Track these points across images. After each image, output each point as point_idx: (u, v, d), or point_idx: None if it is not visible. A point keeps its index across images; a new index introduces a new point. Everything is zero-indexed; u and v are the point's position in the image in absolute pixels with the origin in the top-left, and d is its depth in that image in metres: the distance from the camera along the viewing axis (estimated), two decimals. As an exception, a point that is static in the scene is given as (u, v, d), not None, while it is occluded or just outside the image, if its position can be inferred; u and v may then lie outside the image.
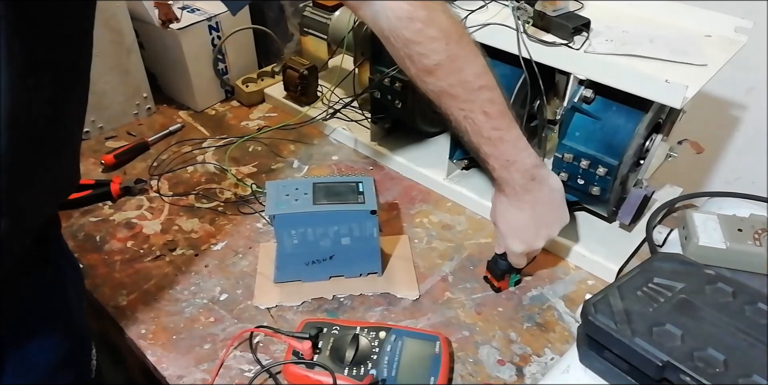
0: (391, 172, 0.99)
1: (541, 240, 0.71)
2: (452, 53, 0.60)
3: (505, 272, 0.75)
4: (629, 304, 0.54)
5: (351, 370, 0.63)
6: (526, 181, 0.66)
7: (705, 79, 0.66)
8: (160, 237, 0.86)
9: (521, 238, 0.70)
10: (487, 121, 0.63)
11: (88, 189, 0.91)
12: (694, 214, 0.72)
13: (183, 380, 0.67)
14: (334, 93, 1.08)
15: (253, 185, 0.94)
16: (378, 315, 0.74)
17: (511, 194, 0.68)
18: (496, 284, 0.77)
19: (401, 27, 0.58)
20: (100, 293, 0.77)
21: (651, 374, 0.50)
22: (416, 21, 0.58)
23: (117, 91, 1.05)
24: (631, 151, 0.72)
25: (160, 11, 1.02)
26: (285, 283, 0.78)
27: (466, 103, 0.63)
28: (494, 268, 0.76)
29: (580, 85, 0.73)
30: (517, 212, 0.69)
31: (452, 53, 0.60)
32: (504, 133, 0.64)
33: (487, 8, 0.77)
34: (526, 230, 0.70)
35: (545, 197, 0.69)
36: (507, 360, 0.69)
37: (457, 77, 0.61)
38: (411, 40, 0.59)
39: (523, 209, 0.68)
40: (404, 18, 0.58)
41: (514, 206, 0.69)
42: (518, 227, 0.70)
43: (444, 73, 0.61)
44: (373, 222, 0.73)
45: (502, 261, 0.74)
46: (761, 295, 0.55)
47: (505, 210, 0.70)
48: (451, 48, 0.60)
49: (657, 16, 0.78)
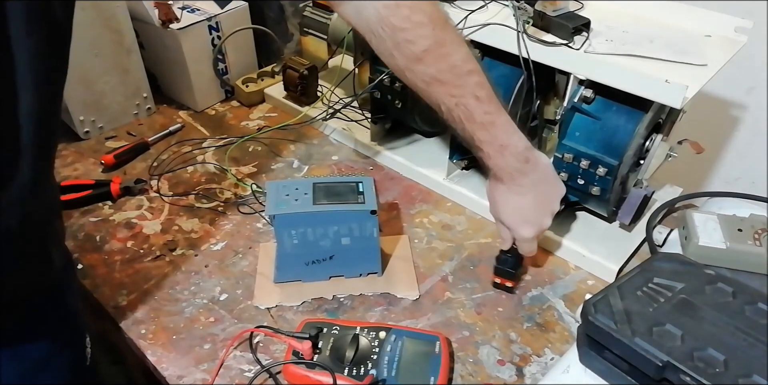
0: (391, 172, 0.99)
1: (548, 217, 0.71)
2: (439, 38, 0.60)
3: (515, 269, 0.75)
4: (629, 304, 0.54)
5: (351, 370, 0.63)
6: (521, 165, 0.67)
7: (705, 79, 0.66)
8: (160, 237, 0.86)
9: (530, 221, 0.71)
10: (478, 105, 0.63)
11: (88, 189, 0.91)
12: (694, 214, 0.72)
13: (183, 380, 0.67)
14: (334, 93, 1.08)
15: (253, 185, 0.94)
16: (378, 315, 0.74)
17: (508, 180, 0.68)
18: (509, 284, 0.76)
19: (389, 15, 0.59)
20: (100, 293, 0.77)
21: (651, 374, 0.50)
22: (403, 7, 0.59)
23: (117, 91, 1.05)
24: (631, 151, 0.72)
25: (160, 11, 1.02)
26: (285, 283, 0.78)
27: (456, 89, 0.63)
28: (503, 269, 0.75)
29: (580, 85, 0.73)
30: (520, 197, 0.69)
31: (439, 38, 0.60)
32: (495, 117, 0.64)
33: (487, 8, 0.77)
34: (533, 212, 0.70)
35: (541, 176, 0.69)
36: (507, 360, 0.69)
37: (446, 62, 0.62)
38: (398, 28, 0.60)
39: (524, 192, 0.69)
40: (391, 5, 0.59)
41: (514, 192, 0.69)
42: (524, 211, 0.70)
43: (433, 59, 0.61)
44: (373, 222, 0.73)
45: (509, 258, 0.74)
46: (761, 295, 0.55)
47: (506, 199, 0.70)
48: (438, 33, 0.60)
49: (657, 16, 0.78)
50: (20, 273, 0.54)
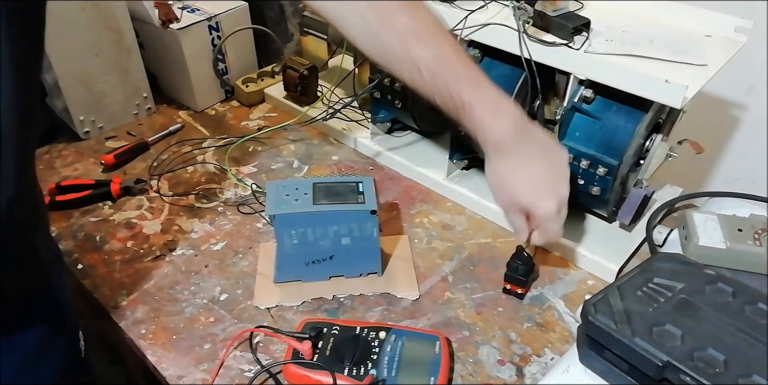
0: (391, 172, 0.99)
1: (564, 184, 0.66)
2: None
3: (526, 276, 0.74)
4: (629, 304, 0.54)
5: (351, 370, 0.63)
6: (518, 132, 0.63)
7: (705, 79, 0.66)
8: (160, 237, 0.86)
9: (549, 191, 0.65)
10: (459, 59, 0.63)
11: (88, 189, 0.91)
12: (694, 214, 0.72)
13: (183, 380, 0.67)
14: (334, 93, 1.08)
15: (253, 185, 0.94)
16: (378, 315, 0.74)
17: (510, 152, 0.64)
18: (520, 291, 0.76)
19: None
20: (100, 293, 0.77)
21: (651, 374, 0.50)
22: None
23: (117, 91, 1.05)
24: (631, 151, 0.72)
25: (160, 11, 1.02)
26: (285, 283, 0.78)
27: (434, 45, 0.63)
28: (514, 276, 0.75)
29: (580, 85, 0.73)
30: (528, 168, 0.65)
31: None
32: (480, 75, 0.63)
33: (487, 8, 0.77)
34: (548, 180, 0.65)
35: (542, 143, 0.66)
36: (507, 360, 0.69)
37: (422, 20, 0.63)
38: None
39: (531, 162, 0.64)
40: None
41: (521, 164, 0.65)
42: (538, 181, 0.65)
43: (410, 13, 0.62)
44: (373, 222, 0.73)
45: (520, 266, 0.74)
46: (761, 295, 0.55)
47: (514, 174, 0.65)
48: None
49: (657, 16, 0.78)
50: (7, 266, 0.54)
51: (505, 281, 0.76)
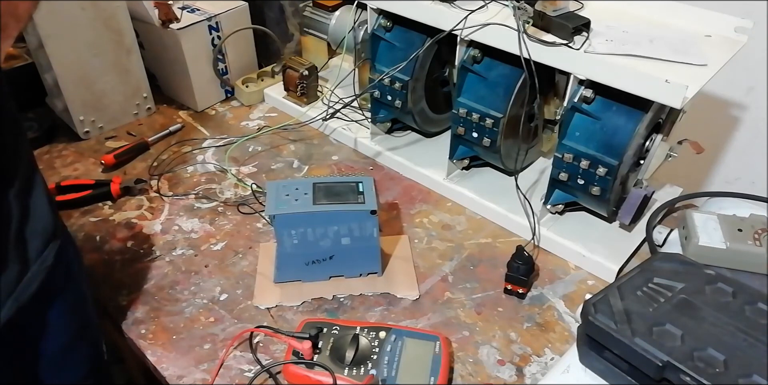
0: (391, 172, 0.99)
1: None
2: None
3: (527, 276, 0.75)
4: (629, 304, 0.54)
5: (351, 370, 0.63)
6: None
7: (705, 79, 0.66)
8: (160, 237, 0.86)
9: None
10: None
11: (88, 189, 0.91)
12: (694, 214, 0.72)
13: (183, 380, 0.67)
14: (334, 93, 1.08)
15: (253, 185, 0.94)
16: (378, 315, 0.74)
17: None
18: (521, 291, 0.76)
19: None
20: (100, 293, 0.77)
21: (651, 374, 0.50)
22: None
23: (117, 91, 1.05)
24: (631, 151, 0.72)
25: (160, 11, 1.02)
26: (285, 283, 0.78)
27: None
28: (515, 276, 0.75)
29: (580, 85, 0.73)
30: None
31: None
32: None
33: (487, 8, 0.77)
34: None
35: None
36: (507, 360, 0.69)
37: None
38: None
39: None
40: None
41: None
42: None
43: None
44: (373, 222, 0.73)
45: (521, 266, 0.74)
46: (761, 295, 0.55)
47: None
48: None
49: (657, 16, 0.78)
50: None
51: (506, 281, 0.76)
